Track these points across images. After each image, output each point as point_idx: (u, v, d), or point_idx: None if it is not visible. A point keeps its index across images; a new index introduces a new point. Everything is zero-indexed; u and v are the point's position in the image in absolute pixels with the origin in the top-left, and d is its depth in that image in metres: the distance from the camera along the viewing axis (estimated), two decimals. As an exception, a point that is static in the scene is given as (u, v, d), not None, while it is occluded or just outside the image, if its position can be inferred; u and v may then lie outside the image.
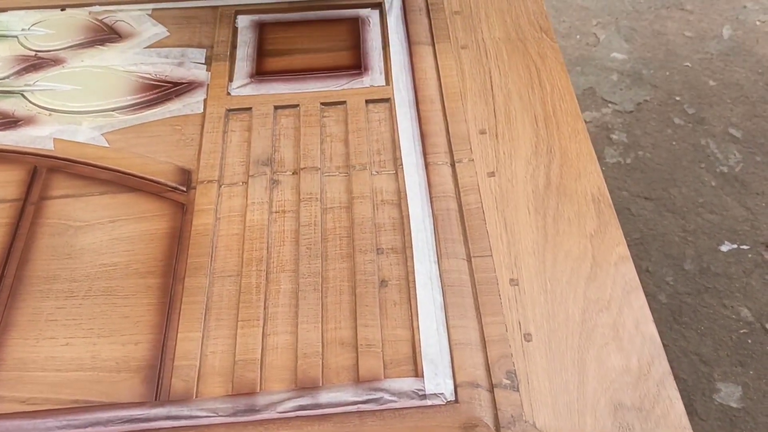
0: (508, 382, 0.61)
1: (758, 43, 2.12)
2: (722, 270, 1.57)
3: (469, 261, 0.69)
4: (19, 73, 0.94)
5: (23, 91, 0.91)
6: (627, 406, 0.59)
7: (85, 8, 1.01)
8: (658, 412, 0.58)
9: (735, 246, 1.61)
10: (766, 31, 2.16)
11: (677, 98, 1.96)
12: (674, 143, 1.84)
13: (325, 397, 0.61)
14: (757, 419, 1.37)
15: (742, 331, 1.48)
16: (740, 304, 1.51)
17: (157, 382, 0.63)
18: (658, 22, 2.24)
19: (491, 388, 0.61)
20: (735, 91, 1.97)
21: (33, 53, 0.96)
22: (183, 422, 0.61)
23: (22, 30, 1.00)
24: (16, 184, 0.80)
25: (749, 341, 1.46)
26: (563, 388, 0.60)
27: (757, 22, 2.20)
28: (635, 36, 2.20)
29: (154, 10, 1.00)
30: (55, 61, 0.95)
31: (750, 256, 1.59)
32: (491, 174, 0.76)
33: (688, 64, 2.08)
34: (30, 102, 0.90)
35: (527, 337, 0.64)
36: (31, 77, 0.93)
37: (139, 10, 1.01)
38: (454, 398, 0.61)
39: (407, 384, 0.61)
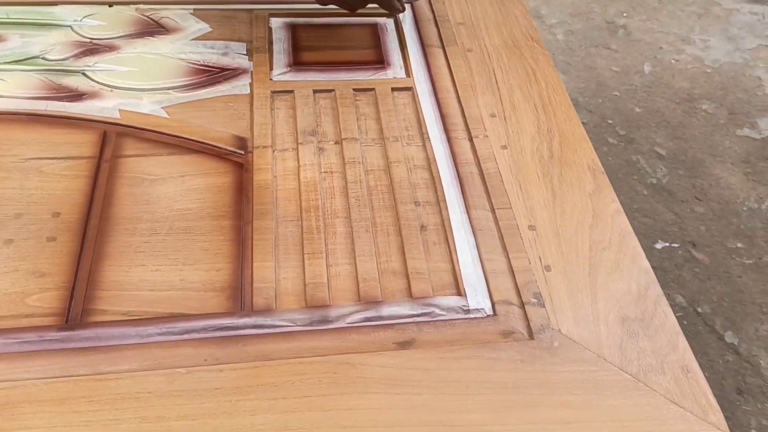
0: (535, 300, 0.70)
1: (674, 78, 2.31)
2: (658, 264, 1.71)
3: (493, 212, 0.78)
4: (77, 56, 0.98)
5: (84, 70, 0.96)
6: (631, 318, 0.69)
7: (131, 5, 1.07)
8: (656, 322, 0.68)
9: (667, 244, 1.76)
10: (680, 68, 2.35)
11: (609, 121, 2.12)
12: (610, 159, 1.99)
13: (386, 310, 0.69)
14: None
15: (678, 315, 1.61)
16: (675, 292, 1.65)
17: (241, 299, 0.70)
18: (589, 58, 2.41)
19: (522, 305, 0.70)
20: (657, 117, 2.14)
21: (88, 40, 1.01)
22: (267, 330, 0.67)
23: (75, 21, 1.04)
24: (89, 144, 0.84)
25: (685, 323, 1.60)
26: (580, 305, 0.70)
27: (672, 60, 2.39)
28: (570, 69, 2.36)
29: (195, 9, 1.07)
30: (110, 48, 1.00)
31: (680, 252, 1.74)
32: (504, 147, 0.86)
33: (617, 93, 2.24)
34: (91, 80, 0.94)
35: (547, 268, 0.73)
36: (90, 59, 0.97)
37: (181, 9, 1.07)
38: (492, 312, 0.69)
39: (453, 301, 0.70)
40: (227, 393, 0.61)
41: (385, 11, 1.04)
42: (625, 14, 2.60)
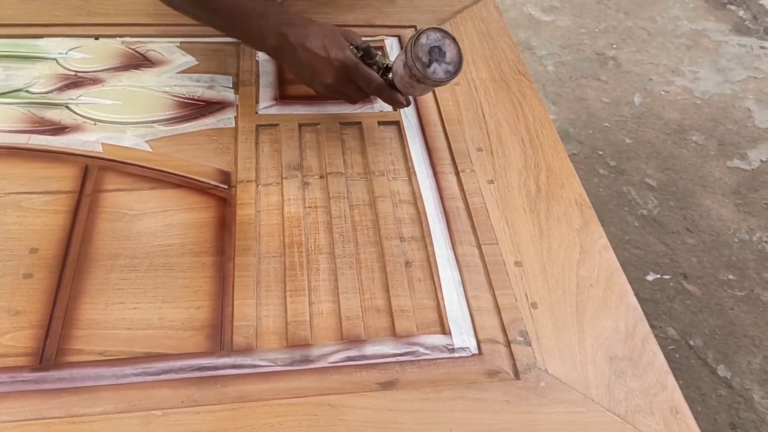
0: (521, 339, 0.68)
1: (664, 109, 2.31)
2: (649, 296, 1.69)
3: (479, 248, 0.77)
4: (61, 89, 0.97)
5: (67, 103, 0.95)
6: (619, 357, 0.67)
7: (117, 38, 1.06)
8: (645, 361, 0.67)
9: (658, 276, 1.74)
10: (670, 100, 2.36)
11: (600, 152, 2.12)
12: (601, 190, 1.98)
13: (369, 349, 0.67)
14: (680, 423, 1.47)
15: (670, 348, 1.60)
16: (667, 324, 1.64)
17: (221, 338, 0.68)
18: (579, 89, 2.41)
19: (508, 344, 0.68)
20: (648, 148, 2.14)
21: (73, 73, 1.00)
22: (247, 370, 0.65)
23: (60, 54, 1.03)
24: (70, 179, 0.83)
25: (677, 356, 1.58)
26: (567, 344, 0.68)
27: (662, 92, 2.40)
28: (561, 100, 2.36)
29: (182, 42, 1.06)
30: (95, 81, 0.99)
31: (672, 284, 1.73)
32: (490, 181, 0.85)
33: (607, 124, 2.25)
34: (75, 113, 0.93)
35: (533, 305, 0.72)
36: (74, 92, 0.97)
37: (168, 42, 1.07)
38: (478, 351, 0.68)
39: (438, 340, 0.68)
40: (204, 437, 0.60)
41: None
42: (614, 46, 2.62)
